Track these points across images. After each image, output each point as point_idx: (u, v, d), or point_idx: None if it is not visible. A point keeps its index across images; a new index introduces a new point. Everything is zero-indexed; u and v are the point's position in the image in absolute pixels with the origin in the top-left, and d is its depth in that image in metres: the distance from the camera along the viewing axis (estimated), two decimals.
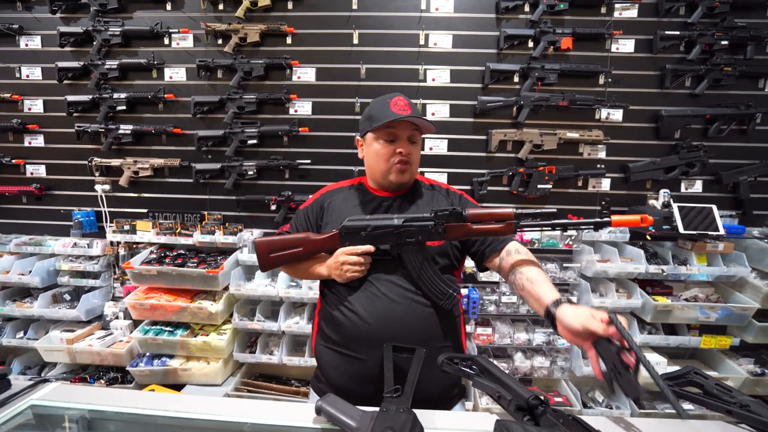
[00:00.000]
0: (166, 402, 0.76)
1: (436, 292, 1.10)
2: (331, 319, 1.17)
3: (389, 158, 1.17)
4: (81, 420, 0.83)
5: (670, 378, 0.90)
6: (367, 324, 1.09)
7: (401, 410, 0.70)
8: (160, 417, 0.72)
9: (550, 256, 2.47)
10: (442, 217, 1.08)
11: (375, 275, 1.13)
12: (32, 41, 2.51)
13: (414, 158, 1.20)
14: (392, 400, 0.74)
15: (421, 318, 1.12)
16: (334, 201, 1.27)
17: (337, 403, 0.73)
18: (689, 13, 2.33)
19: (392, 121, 1.13)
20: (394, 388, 0.78)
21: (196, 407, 0.74)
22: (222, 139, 2.47)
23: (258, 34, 2.38)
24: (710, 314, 2.23)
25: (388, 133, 1.17)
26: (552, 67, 2.34)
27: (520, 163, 2.45)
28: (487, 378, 0.84)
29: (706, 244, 2.26)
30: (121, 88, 2.49)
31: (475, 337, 2.39)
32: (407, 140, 1.17)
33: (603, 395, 2.41)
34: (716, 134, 2.37)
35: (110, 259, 2.54)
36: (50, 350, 2.39)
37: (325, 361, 1.18)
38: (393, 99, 1.16)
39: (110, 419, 0.81)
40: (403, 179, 1.20)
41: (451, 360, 0.88)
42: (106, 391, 0.84)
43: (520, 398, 0.75)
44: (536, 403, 0.73)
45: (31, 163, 2.60)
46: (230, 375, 2.45)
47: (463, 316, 1.32)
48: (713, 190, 2.46)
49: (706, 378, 0.88)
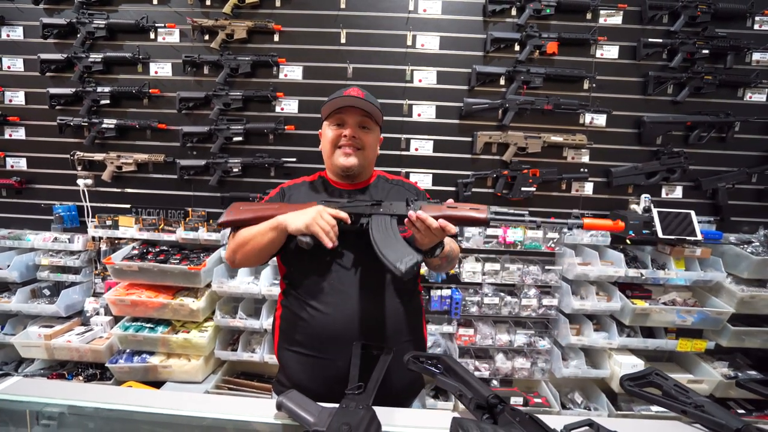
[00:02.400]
0: (124, 396, 0.75)
1: (400, 259, 1.03)
2: (296, 320, 1.15)
3: (335, 142, 1.18)
4: (40, 414, 0.82)
5: (632, 378, 0.92)
6: (335, 323, 1.09)
7: (360, 407, 0.71)
8: (119, 411, 0.72)
9: (533, 258, 2.50)
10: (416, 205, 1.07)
11: (339, 273, 1.13)
12: (14, 32, 2.47)
13: (365, 143, 1.19)
14: (353, 397, 0.75)
15: (388, 313, 1.13)
16: (295, 194, 1.25)
17: (298, 398, 0.74)
18: (672, 21, 2.37)
19: (340, 106, 1.15)
20: (356, 385, 0.79)
21: (156, 401, 0.74)
22: (207, 136, 2.45)
23: (245, 30, 2.37)
24: (687, 318, 2.27)
25: (336, 119, 1.19)
26: (537, 71, 2.36)
27: (505, 165, 2.47)
28: (451, 376, 0.85)
29: (684, 249, 2.30)
30: (106, 82, 2.47)
31: (457, 338, 2.41)
32: (356, 126, 1.18)
33: (582, 396, 2.44)
34: (696, 141, 2.42)
35: (92, 254, 2.52)
36: (28, 346, 2.36)
37: (290, 365, 1.16)
38: (348, 90, 1.19)
39: (70, 414, 0.81)
40: (348, 163, 1.18)
41: (417, 358, 0.88)
42: (65, 385, 0.84)
43: (480, 397, 0.76)
44: (495, 402, 0.74)
45: (12, 156, 2.56)
46: (211, 373, 2.44)
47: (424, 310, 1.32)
48: (693, 196, 2.50)
49: (666, 379, 0.90)
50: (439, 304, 2.39)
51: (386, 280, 1.16)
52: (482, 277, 2.39)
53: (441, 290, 2.40)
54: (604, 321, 2.44)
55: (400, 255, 1.00)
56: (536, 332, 2.45)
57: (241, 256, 1.16)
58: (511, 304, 2.40)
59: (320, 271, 1.13)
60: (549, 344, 2.41)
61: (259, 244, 1.11)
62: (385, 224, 1.07)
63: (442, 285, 2.46)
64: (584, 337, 2.35)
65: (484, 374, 2.42)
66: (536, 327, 2.50)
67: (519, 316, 2.41)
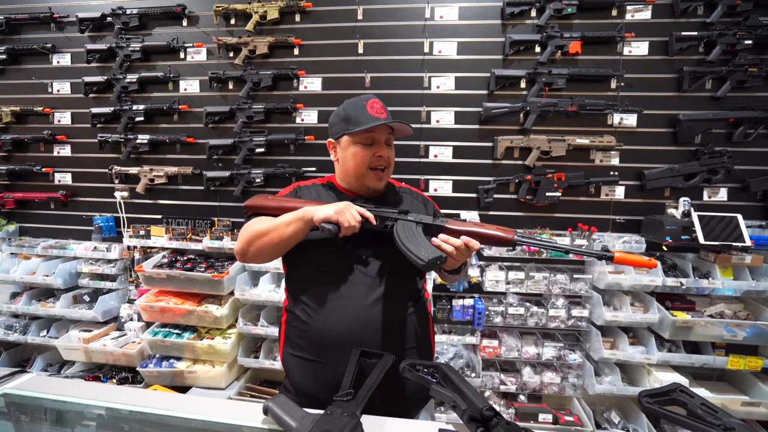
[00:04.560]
0: (116, 395, 0.77)
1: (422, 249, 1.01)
2: (300, 326, 1.15)
3: (368, 163, 1.15)
4: (50, 411, 0.85)
5: (653, 395, 0.83)
6: (338, 328, 1.08)
7: (345, 414, 0.68)
8: (109, 408, 0.74)
9: (560, 266, 2.37)
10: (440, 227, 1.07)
11: (344, 277, 1.11)
12: (63, 58, 2.70)
13: (391, 161, 1.19)
14: (340, 404, 0.72)
15: (393, 319, 1.10)
16: (306, 195, 1.25)
17: (285, 404, 0.72)
18: (708, 12, 2.21)
19: (374, 127, 1.12)
20: (346, 392, 0.76)
21: (144, 401, 0.75)
22: (232, 148, 2.55)
23: (267, 46, 2.46)
24: (737, 332, 2.06)
25: (366, 137, 1.15)
26: (560, 72, 2.28)
27: (528, 170, 2.38)
28: (448, 386, 0.80)
29: (731, 256, 2.10)
30: (140, 100, 2.63)
31: (480, 350, 2.32)
32: (385, 144, 1.16)
33: (619, 416, 2.27)
34: (742, 139, 2.23)
35: (127, 262, 2.66)
36: (69, 349, 2.51)
37: (294, 370, 1.15)
38: (369, 101, 1.15)
39: (80, 411, 0.83)
40: (379, 186, 1.19)
41: (413, 366, 0.85)
42: (77, 383, 0.87)
43: (475, 409, 0.71)
44: (490, 415, 0.69)
45: (59, 171, 2.78)
46: (235, 379, 2.48)
47: (431, 317, 1.28)
48: (740, 199, 2.29)
49: (692, 397, 0.80)
50: (461, 314, 2.32)
51: (392, 286, 1.13)
52: (506, 286, 2.29)
53: (463, 300, 2.33)
54: (641, 334, 2.27)
55: (423, 248, 0.99)
56: (566, 345, 2.31)
57: (255, 249, 1.11)
58: (537, 314, 2.29)
59: (324, 275, 1.13)
60: (580, 358, 2.27)
61: (280, 236, 1.08)
62: (411, 228, 1.06)
63: (465, 294, 2.38)
64: (619, 351, 2.19)
65: (510, 388, 2.31)
66: (566, 339, 2.36)
67: (547, 327, 2.29)
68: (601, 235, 2.30)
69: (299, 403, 1.16)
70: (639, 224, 2.34)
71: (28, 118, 2.77)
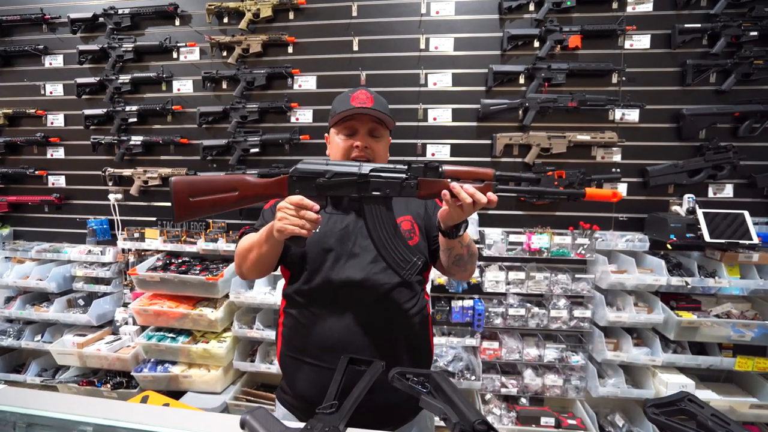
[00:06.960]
0: (97, 408, 0.73)
1: (397, 258, 0.98)
2: (296, 327, 1.12)
3: (348, 152, 1.11)
4: (17, 424, 0.81)
5: (659, 405, 0.78)
6: (334, 330, 1.05)
7: (327, 429, 0.64)
8: (69, 422, 0.69)
9: (561, 266, 2.32)
10: (416, 170, 0.96)
11: (340, 277, 1.07)
12: (55, 60, 2.67)
13: (376, 152, 1.13)
14: (322, 417, 0.68)
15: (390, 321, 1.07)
16: None
17: (263, 417, 0.67)
18: (711, 4, 2.16)
19: (349, 114, 1.08)
20: (329, 403, 0.71)
21: (122, 414, 0.70)
22: (226, 149, 2.51)
23: (260, 44, 2.42)
24: (745, 333, 2.00)
25: (346, 127, 1.12)
26: (559, 67, 2.22)
27: (528, 167, 2.33)
28: (439, 397, 0.75)
29: (738, 254, 2.04)
30: (133, 101, 2.60)
31: (481, 352, 2.27)
32: (368, 134, 1.12)
33: (624, 419, 2.21)
34: (748, 133, 2.16)
35: (121, 266, 2.62)
36: (63, 353, 2.48)
37: (291, 371, 1.13)
38: (355, 93, 1.12)
39: (45, 424, 0.79)
40: None
41: (402, 375, 0.80)
42: (44, 395, 0.83)
43: (466, 422, 0.66)
44: (482, 429, 0.64)
45: (53, 174, 2.75)
46: (231, 383, 2.44)
47: (431, 319, 1.23)
48: (746, 195, 2.23)
49: (701, 407, 0.75)
50: (460, 315, 2.27)
51: (391, 287, 1.09)
52: (506, 286, 2.24)
53: (462, 301, 2.28)
54: (645, 335, 2.21)
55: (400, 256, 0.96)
56: (568, 346, 2.26)
57: (246, 268, 1.11)
58: (539, 315, 2.23)
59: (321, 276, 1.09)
60: (583, 360, 2.21)
61: (259, 256, 1.06)
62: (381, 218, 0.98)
63: (464, 295, 2.33)
64: (623, 352, 2.14)
65: (511, 391, 2.26)
66: (568, 341, 2.30)
67: (548, 328, 2.24)
68: (603, 234, 2.24)
69: (295, 405, 1.13)
70: (642, 222, 2.28)
71: (21, 120, 2.74)
